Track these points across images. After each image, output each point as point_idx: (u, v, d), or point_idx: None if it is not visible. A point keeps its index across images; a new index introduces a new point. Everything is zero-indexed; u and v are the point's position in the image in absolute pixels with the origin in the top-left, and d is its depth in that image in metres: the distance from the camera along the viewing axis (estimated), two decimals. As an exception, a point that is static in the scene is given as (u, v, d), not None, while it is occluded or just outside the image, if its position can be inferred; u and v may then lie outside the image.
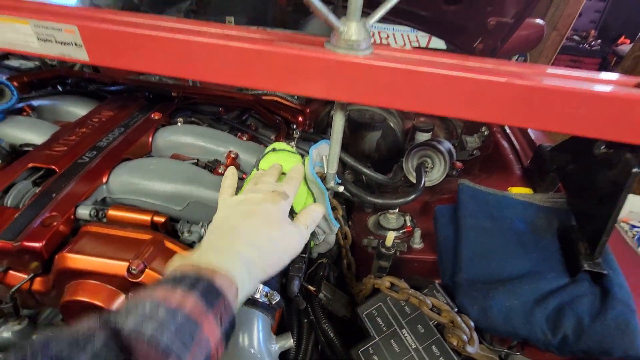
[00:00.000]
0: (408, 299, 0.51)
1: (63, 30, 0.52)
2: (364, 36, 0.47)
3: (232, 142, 0.76)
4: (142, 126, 0.75)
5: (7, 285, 0.55)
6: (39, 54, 0.57)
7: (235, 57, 0.48)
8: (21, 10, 0.53)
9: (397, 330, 0.51)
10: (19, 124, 0.72)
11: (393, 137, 1.09)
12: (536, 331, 0.50)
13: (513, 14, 0.93)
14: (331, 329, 0.58)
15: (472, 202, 0.65)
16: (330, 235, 0.66)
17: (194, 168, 0.67)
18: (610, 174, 0.51)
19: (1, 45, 0.56)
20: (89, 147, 0.67)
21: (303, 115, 0.88)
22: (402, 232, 0.71)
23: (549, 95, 0.44)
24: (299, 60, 0.47)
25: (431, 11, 1.00)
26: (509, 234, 0.61)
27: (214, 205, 0.61)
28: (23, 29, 0.53)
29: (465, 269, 0.57)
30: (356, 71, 0.47)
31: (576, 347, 0.48)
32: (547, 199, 0.66)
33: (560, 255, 0.58)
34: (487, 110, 0.46)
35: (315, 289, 0.60)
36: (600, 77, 0.50)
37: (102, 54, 0.53)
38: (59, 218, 0.54)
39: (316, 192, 0.62)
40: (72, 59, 0.55)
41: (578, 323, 0.49)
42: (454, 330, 0.48)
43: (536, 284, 0.53)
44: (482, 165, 0.91)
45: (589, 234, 0.55)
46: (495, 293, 0.52)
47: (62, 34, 0.52)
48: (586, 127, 0.47)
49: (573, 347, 0.48)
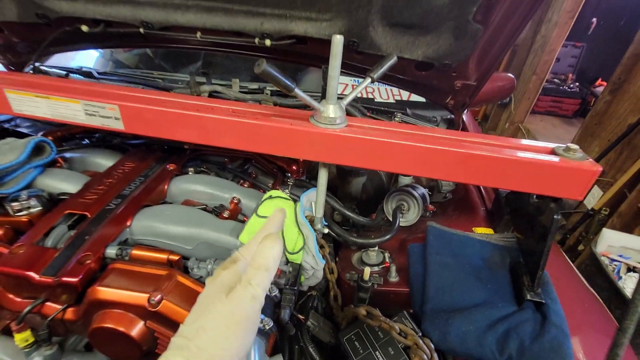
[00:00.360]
0: (380, 325, 0.61)
1: (106, 107, 0.67)
2: (339, 114, 0.62)
3: (235, 189, 0.88)
4: (159, 176, 0.89)
5: (43, 315, 0.65)
6: (84, 124, 0.71)
7: (241, 130, 0.63)
8: (75, 92, 0.68)
9: (372, 352, 0.61)
10: (56, 176, 0.86)
11: (379, 180, 1.22)
12: (487, 352, 0.59)
13: (475, 78, 1.10)
14: (317, 353, 0.67)
15: (438, 241, 0.77)
16: (318, 271, 0.76)
17: (203, 213, 0.79)
18: (541, 219, 0.64)
19: (53, 117, 0.71)
20: (115, 195, 0.80)
21: (297, 164, 1.02)
22: (381, 267, 0.82)
23: (480, 160, 0.57)
24: (290, 132, 0.61)
25: (407, 75, 1.17)
26: (468, 269, 0.72)
27: (219, 245, 0.73)
28: (74, 106, 0.68)
29: (430, 299, 0.67)
30: (333, 140, 0.61)
31: (519, 366, 0.58)
32: (502, 238, 0.77)
33: (510, 287, 0.68)
34: (434, 170, 0.60)
35: (304, 318, 0.70)
36: (524, 145, 0.64)
37: (136, 126, 0.68)
38: (92, 257, 0.66)
39: (305, 232, 0.74)
40: (110, 129, 0.69)
41: (521, 345, 0.59)
42: (416, 351, 0.57)
43: (489, 312, 0.64)
44: (454, 206, 1.03)
45: (530, 269, 0.66)
46: (454, 320, 0.63)
47: (105, 110, 0.67)
48: (514, 184, 0.60)
49: (517, 366, 0.58)
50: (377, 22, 0.90)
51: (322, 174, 0.70)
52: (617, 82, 2.46)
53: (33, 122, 1.24)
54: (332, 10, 0.90)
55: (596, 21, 4.27)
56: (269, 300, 0.65)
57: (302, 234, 0.74)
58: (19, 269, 0.62)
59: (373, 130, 0.63)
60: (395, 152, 0.59)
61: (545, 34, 3.55)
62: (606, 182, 2.44)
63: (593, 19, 4.28)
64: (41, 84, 0.72)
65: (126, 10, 1.02)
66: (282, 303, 0.65)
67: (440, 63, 0.98)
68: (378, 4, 0.85)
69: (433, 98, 1.27)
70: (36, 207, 0.76)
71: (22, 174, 0.82)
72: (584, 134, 2.79)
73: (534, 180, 0.57)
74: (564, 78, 4.33)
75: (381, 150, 0.60)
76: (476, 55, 0.96)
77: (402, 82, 1.24)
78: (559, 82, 4.29)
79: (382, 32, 0.93)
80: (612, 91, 2.50)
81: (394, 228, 0.81)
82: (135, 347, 0.61)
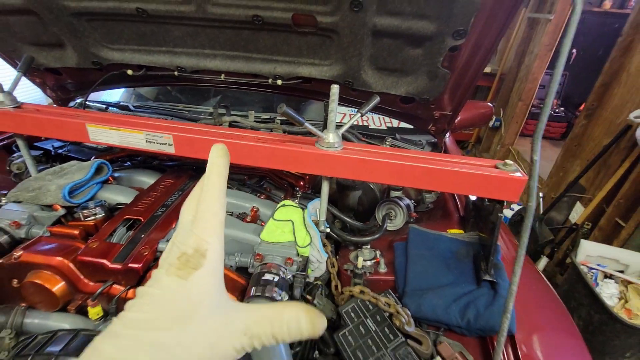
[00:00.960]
0: (370, 299, 0.80)
1: (163, 136, 0.89)
2: (337, 140, 0.84)
3: (254, 200, 1.09)
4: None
5: (110, 295, 0.84)
6: (144, 150, 0.93)
7: (265, 152, 0.84)
8: (138, 126, 0.91)
9: (364, 319, 0.79)
10: (112, 190, 1.07)
11: (372, 194, 1.43)
12: (451, 319, 0.78)
13: (450, 109, 1.33)
14: (322, 325, 0.85)
15: (417, 239, 0.97)
16: (322, 264, 0.96)
17: (231, 218, 1.00)
18: (491, 217, 0.84)
19: (121, 144, 0.93)
20: (160, 205, 1.01)
21: (303, 180, 1.24)
22: (372, 261, 1.01)
23: (440, 173, 0.79)
24: (300, 154, 0.83)
25: (394, 107, 1.40)
26: (440, 259, 0.91)
27: (244, 242, 0.93)
28: (139, 136, 0.91)
29: (410, 282, 0.86)
30: (332, 159, 0.83)
31: (475, 327, 0.76)
32: (468, 236, 0.97)
33: (472, 272, 0.88)
34: (405, 180, 0.81)
35: (311, 298, 0.89)
36: (475, 161, 0.85)
37: (184, 150, 0.90)
38: (148, 250, 0.86)
39: (312, 232, 0.94)
40: (164, 152, 0.91)
41: (477, 312, 0.77)
42: (397, 317, 0.76)
43: (454, 290, 0.83)
44: (434, 213, 1.23)
45: (486, 257, 0.86)
46: (427, 296, 0.81)
47: (162, 139, 0.89)
48: (466, 190, 0.81)
49: (473, 327, 0.76)
50: (368, 67, 1.14)
51: (325, 185, 0.91)
52: (591, 108, 2.71)
53: (79, 148, 1.48)
54: (331, 58, 1.14)
55: (576, 52, 4.62)
56: (285, 282, 0.84)
57: (309, 234, 0.94)
58: (96, 258, 0.82)
59: (361, 151, 0.84)
60: (376, 167, 0.80)
61: (528, 64, 3.87)
62: (588, 199, 2.64)
63: (573, 50, 4.64)
64: (112, 120, 0.95)
65: (165, 58, 1.27)
66: (294, 284, 0.84)
67: (420, 98, 1.21)
68: (367, 54, 1.09)
69: (417, 125, 1.51)
70: (100, 214, 0.97)
71: (87, 188, 1.04)
72: (566, 155, 3.01)
73: (480, 186, 0.78)
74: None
75: (366, 166, 0.81)
76: (448, 91, 1.20)
77: (391, 113, 1.47)
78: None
79: (372, 74, 1.17)
80: (587, 116, 2.75)
81: (382, 229, 1.01)
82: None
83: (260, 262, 0.86)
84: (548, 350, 0.75)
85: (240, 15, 1.02)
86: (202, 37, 1.17)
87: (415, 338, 0.76)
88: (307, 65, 1.19)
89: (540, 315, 0.92)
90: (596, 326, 1.79)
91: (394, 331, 0.76)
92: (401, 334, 0.76)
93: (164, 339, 0.28)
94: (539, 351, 0.79)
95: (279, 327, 0.33)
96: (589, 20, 4.46)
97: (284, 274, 0.84)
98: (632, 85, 2.36)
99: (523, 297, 0.84)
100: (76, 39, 1.22)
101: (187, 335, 0.29)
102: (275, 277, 0.80)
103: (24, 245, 0.85)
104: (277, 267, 0.84)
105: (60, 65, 1.34)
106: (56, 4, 1.08)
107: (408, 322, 0.75)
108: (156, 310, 0.29)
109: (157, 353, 0.28)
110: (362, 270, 0.88)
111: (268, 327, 0.33)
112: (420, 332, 0.77)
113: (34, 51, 1.30)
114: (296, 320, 0.33)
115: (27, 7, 1.10)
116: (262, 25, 1.03)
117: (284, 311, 0.34)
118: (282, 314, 0.33)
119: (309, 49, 1.13)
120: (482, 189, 0.78)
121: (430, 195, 1.34)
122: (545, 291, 1.03)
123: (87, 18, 1.14)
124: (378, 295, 0.79)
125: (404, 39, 0.99)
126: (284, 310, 0.34)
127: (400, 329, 0.76)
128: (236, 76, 1.29)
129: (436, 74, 1.10)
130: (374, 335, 0.76)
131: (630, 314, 1.71)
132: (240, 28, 1.09)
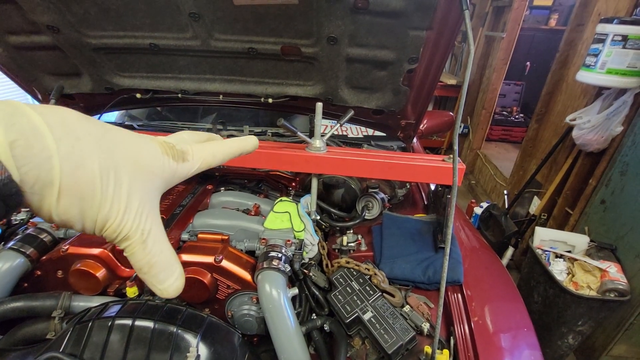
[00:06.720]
0: (354, 267, 1.03)
1: (182, 147, 1.10)
2: (322, 145, 1.07)
3: (255, 198, 1.31)
4: (203, 193, 1.30)
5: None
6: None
7: (267, 156, 1.07)
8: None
9: (349, 282, 1.02)
10: (133, 195, 1.26)
11: (353, 192, 1.67)
12: (416, 277, 1.02)
13: (414, 117, 1.61)
14: (317, 288, 1.07)
15: (389, 221, 1.21)
16: (314, 246, 1.18)
17: (237, 212, 1.21)
18: (443, 199, 1.09)
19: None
20: (177, 205, 1.21)
21: (295, 182, 1.46)
22: (355, 243, 1.24)
23: (398, 166, 1.03)
24: (294, 156, 1.06)
25: (368, 118, 1.66)
26: (407, 236, 1.15)
27: (250, 230, 1.14)
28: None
29: (384, 253, 1.10)
30: (320, 160, 1.06)
31: (433, 281, 1.00)
32: (429, 217, 1.22)
33: (432, 244, 1.12)
34: (373, 172, 1.05)
35: (308, 271, 1.10)
36: (429, 157, 1.10)
37: (200, 157, 1.11)
38: (173, 240, 1.05)
39: (305, 221, 1.17)
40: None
41: (434, 270, 1.01)
42: (376, 277, 0.99)
43: (418, 256, 1.07)
44: (404, 204, 1.48)
45: (441, 231, 1.11)
46: (397, 262, 1.05)
47: (181, 149, 1.10)
48: (424, 178, 1.06)
49: (432, 281, 1.00)
50: (344, 86, 1.40)
51: (314, 181, 1.14)
52: (540, 114, 3.09)
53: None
54: (313, 79, 1.39)
55: (530, 64, 5.14)
56: (286, 258, 1.05)
57: (303, 221, 1.16)
58: (132, 247, 1.01)
59: (342, 153, 1.09)
60: (354, 164, 1.05)
61: (488, 76, 4.29)
62: (543, 193, 2.98)
63: (527, 62, 5.15)
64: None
65: (171, 82, 1.49)
66: (293, 260, 1.06)
67: (387, 109, 1.47)
68: (343, 76, 1.35)
69: (388, 133, 1.77)
70: (127, 214, 1.16)
71: (113, 194, 1.22)
72: (523, 155, 3.38)
73: (431, 175, 1.04)
74: (510, 110, 5.10)
75: (346, 164, 1.05)
76: (410, 103, 1.47)
77: (366, 123, 1.73)
78: (507, 114, 5.05)
79: (348, 92, 1.43)
80: (537, 120, 3.13)
81: (362, 216, 1.25)
82: (206, 291, 1.00)
83: (265, 245, 1.07)
84: (487, 295, 1.00)
85: (238, 48, 1.25)
86: (204, 65, 1.39)
87: (390, 292, 0.99)
88: (294, 85, 1.43)
89: (487, 278, 1.17)
90: (551, 299, 2.08)
91: (373, 288, 0.99)
92: (379, 290, 0.99)
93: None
94: (481, 297, 1.04)
95: (213, 144, 0.42)
96: (538, 36, 5.00)
97: (285, 253, 1.05)
98: (571, 93, 2.75)
99: (475, 269, 1.09)
100: (93, 69, 1.42)
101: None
102: (278, 254, 1.02)
103: (69, 241, 1.03)
104: (279, 247, 1.06)
105: (76, 92, 1.52)
106: (80, 41, 1.28)
107: (384, 281, 0.99)
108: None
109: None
110: (347, 247, 1.11)
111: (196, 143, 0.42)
112: (393, 288, 1.00)
113: (53, 80, 1.49)
114: (227, 141, 0.44)
115: (54, 44, 1.29)
116: (256, 55, 1.27)
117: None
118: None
119: (295, 73, 1.37)
120: (432, 177, 1.04)
121: (402, 191, 1.60)
122: (493, 263, 1.28)
123: (105, 52, 1.35)
124: (360, 264, 1.02)
125: (372, 64, 1.26)
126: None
127: (378, 286, 0.99)
128: (233, 96, 1.52)
129: (399, 90, 1.36)
130: (358, 293, 0.99)
131: (577, 286, 2.01)
132: (237, 57, 1.33)
